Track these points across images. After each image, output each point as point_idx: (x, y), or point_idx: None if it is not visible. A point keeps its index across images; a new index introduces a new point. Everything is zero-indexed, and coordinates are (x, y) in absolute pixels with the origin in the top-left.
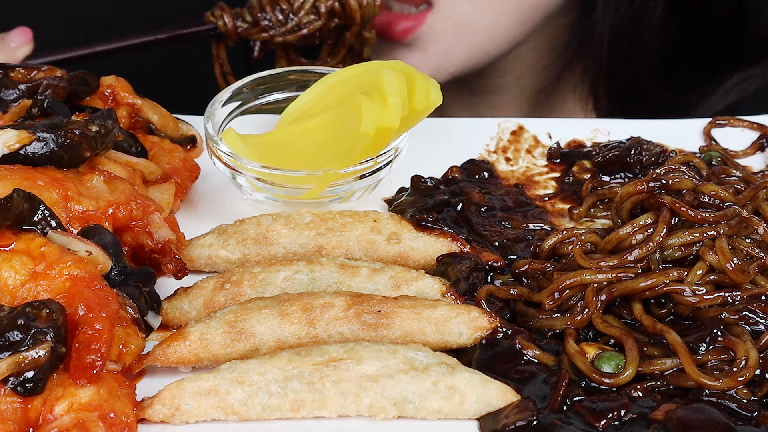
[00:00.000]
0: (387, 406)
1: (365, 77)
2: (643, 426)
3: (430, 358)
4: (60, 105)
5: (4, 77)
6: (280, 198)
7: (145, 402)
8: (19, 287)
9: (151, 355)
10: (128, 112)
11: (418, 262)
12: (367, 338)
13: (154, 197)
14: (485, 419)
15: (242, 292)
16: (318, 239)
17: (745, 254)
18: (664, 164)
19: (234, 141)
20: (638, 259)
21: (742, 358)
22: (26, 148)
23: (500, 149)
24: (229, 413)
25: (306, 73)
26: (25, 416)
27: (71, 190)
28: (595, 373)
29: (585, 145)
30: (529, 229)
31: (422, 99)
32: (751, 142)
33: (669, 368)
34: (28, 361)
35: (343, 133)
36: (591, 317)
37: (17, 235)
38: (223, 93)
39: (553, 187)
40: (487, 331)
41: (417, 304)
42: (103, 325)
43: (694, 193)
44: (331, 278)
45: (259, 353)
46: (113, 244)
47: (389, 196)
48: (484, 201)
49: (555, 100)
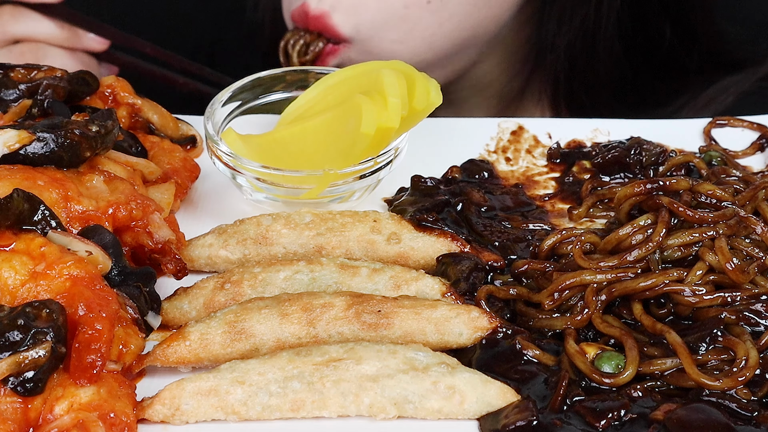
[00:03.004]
0: (387, 406)
1: (365, 77)
2: (643, 426)
3: (430, 358)
4: (60, 105)
5: (4, 77)
6: (280, 198)
7: (145, 402)
8: (19, 287)
9: (151, 355)
10: (128, 112)
11: (418, 262)
12: (367, 338)
13: (154, 197)
14: (485, 419)
15: (242, 292)
16: (318, 239)
17: (745, 254)
18: (664, 164)
19: (234, 141)
20: (638, 259)
21: (742, 358)
22: (26, 148)
23: (500, 149)
24: (229, 413)
25: (306, 73)
26: (25, 416)
27: (71, 190)
28: (595, 373)
29: (585, 145)
30: (529, 229)
31: (422, 99)
32: (750, 142)
33: (669, 368)
34: (28, 361)
35: (343, 133)
36: (591, 317)
37: (17, 235)
38: (223, 93)
39: (553, 187)
40: (487, 331)
41: (417, 304)
42: (103, 325)
43: (692, 193)
44: (331, 278)
45: (259, 353)
46: (113, 244)
47: (389, 196)
48: (484, 201)
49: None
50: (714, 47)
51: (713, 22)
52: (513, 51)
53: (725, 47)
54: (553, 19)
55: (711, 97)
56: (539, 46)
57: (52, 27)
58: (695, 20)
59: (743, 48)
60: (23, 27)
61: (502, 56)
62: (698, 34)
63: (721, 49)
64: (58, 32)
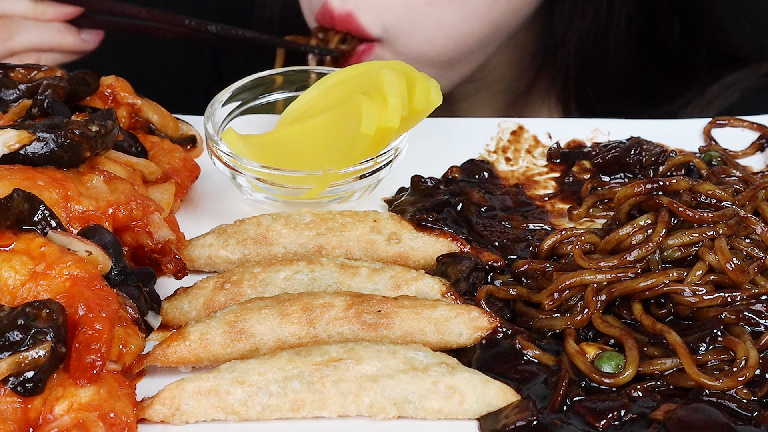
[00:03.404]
0: (387, 406)
1: (365, 77)
2: (643, 426)
3: (430, 358)
4: (60, 105)
5: (4, 77)
6: (280, 198)
7: (145, 402)
8: (19, 287)
9: (151, 355)
10: (128, 112)
11: (418, 262)
12: (367, 338)
13: (154, 197)
14: (485, 419)
15: (242, 292)
16: (318, 239)
17: (745, 254)
18: (664, 164)
19: (234, 141)
20: (638, 259)
21: (742, 358)
22: (26, 148)
23: (500, 149)
24: (229, 413)
25: (306, 73)
26: (25, 416)
27: (71, 190)
28: (595, 373)
29: (585, 145)
30: (529, 229)
31: (422, 99)
32: (750, 142)
33: (669, 368)
34: (28, 361)
35: (343, 133)
36: (591, 317)
37: (17, 235)
38: (223, 93)
39: (553, 187)
40: (487, 331)
41: (417, 304)
42: (103, 325)
43: (692, 193)
44: (331, 278)
45: (259, 353)
46: (113, 244)
47: (389, 196)
48: (484, 201)
49: (527, 108)
50: (719, 43)
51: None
52: (523, 46)
53: (730, 43)
54: (564, 14)
55: (716, 94)
56: (550, 41)
57: (23, 2)
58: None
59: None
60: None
61: (512, 51)
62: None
63: (726, 44)
64: (31, 7)
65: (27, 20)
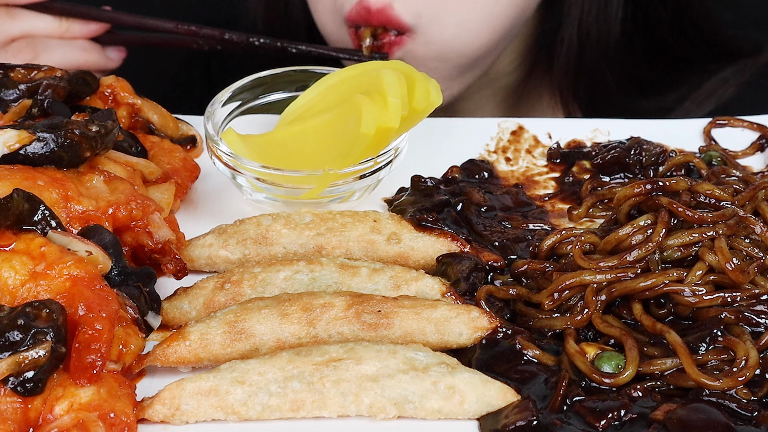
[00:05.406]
0: (387, 406)
1: (365, 77)
2: (643, 426)
3: (430, 358)
4: (60, 105)
5: (4, 77)
6: (280, 198)
7: (145, 402)
8: (19, 287)
9: (151, 355)
10: (128, 112)
11: (418, 262)
12: (367, 338)
13: (154, 197)
14: (485, 419)
15: (242, 292)
16: (318, 239)
17: (745, 254)
18: (664, 164)
19: (234, 141)
20: (638, 259)
21: (742, 358)
22: (26, 148)
23: (500, 149)
24: (229, 413)
25: (306, 73)
26: (25, 416)
27: (71, 190)
28: (595, 373)
29: (585, 145)
30: (529, 229)
31: (422, 99)
32: (750, 142)
33: (669, 368)
34: (28, 361)
35: (343, 133)
36: (591, 317)
37: (17, 235)
38: (223, 93)
39: (553, 187)
40: (487, 331)
41: (417, 304)
42: (103, 325)
43: (691, 193)
44: (331, 278)
45: (259, 353)
46: (113, 244)
47: (389, 196)
48: (484, 201)
49: (526, 105)
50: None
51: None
52: (522, 39)
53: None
54: (566, 7)
55: (713, 89)
56: (551, 34)
57: (48, 20)
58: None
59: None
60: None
61: (513, 44)
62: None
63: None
64: (55, 24)
65: (52, 39)
